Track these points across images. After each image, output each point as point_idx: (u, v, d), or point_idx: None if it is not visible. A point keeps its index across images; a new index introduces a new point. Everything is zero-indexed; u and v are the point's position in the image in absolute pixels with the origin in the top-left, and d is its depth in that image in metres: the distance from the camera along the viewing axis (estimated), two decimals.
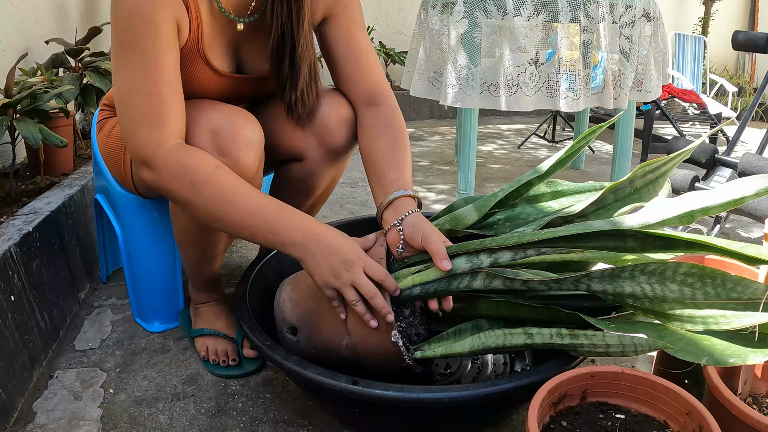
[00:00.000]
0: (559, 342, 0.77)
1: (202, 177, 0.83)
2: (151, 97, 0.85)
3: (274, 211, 0.85)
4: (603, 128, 0.97)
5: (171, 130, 0.86)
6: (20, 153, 1.87)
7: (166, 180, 0.85)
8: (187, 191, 0.84)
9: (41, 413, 0.97)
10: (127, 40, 0.85)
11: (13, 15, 1.97)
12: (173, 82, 0.88)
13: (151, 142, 0.85)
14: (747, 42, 2.06)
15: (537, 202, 1.04)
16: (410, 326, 0.91)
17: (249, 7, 0.99)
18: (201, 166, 0.84)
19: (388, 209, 0.92)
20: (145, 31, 0.84)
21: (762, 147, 2.01)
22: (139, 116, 0.85)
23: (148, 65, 0.85)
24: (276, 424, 0.96)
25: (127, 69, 0.86)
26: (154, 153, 0.84)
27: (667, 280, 0.74)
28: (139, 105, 0.85)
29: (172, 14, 0.87)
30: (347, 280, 0.83)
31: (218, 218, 0.85)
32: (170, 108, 0.87)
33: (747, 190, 0.75)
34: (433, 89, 2.19)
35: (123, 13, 0.84)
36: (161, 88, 0.86)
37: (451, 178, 2.61)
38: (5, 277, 1.02)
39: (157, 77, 0.86)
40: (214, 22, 0.96)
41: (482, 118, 4.36)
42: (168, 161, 0.84)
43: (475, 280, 0.85)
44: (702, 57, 4.37)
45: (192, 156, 0.85)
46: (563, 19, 1.90)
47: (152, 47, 0.85)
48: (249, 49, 1.03)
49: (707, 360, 0.68)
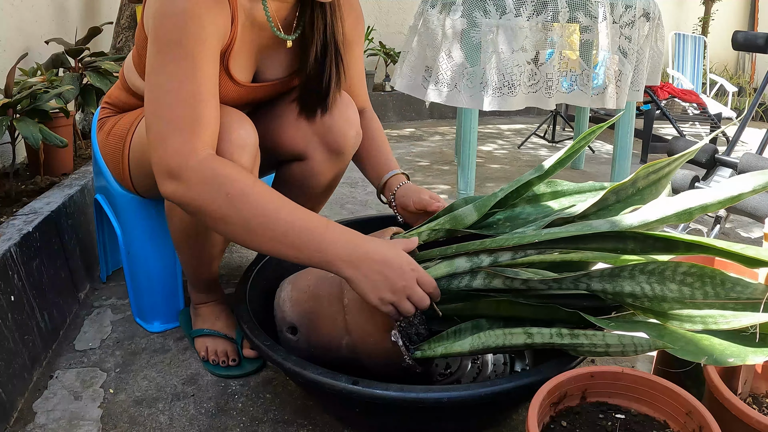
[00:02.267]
0: (559, 342, 0.77)
1: (239, 190, 0.77)
2: (190, 99, 0.81)
3: (319, 227, 0.79)
4: (603, 128, 0.98)
5: (206, 138, 0.82)
6: (20, 153, 1.87)
7: (196, 193, 0.78)
8: (221, 205, 0.77)
9: (41, 413, 0.97)
10: (173, 40, 0.82)
11: (13, 15, 1.97)
12: (213, 90, 0.85)
13: (183, 149, 0.79)
14: (747, 42, 2.06)
15: (537, 202, 1.04)
16: (410, 326, 0.91)
17: (293, 25, 1.02)
18: (238, 178, 0.79)
19: (385, 188, 1.14)
20: (194, 34, 0.82)
21: (762, 147, 2.01)
22: (174, 119, 0.80)
23: (192, 68, 0.82)
24: (276, 424, 0.96)
25: (169, 69, 0.82)
26: (185, 162, 0.78)
27: (667, 279, 0.74)
28: (176, 107, 0.81)
29: (221, 24, 0.87)
30: (404, 294, 0.79)
31: (258, 234, 0.78)
32: (208, 115, 0.83)
33: (744, 187, 0.76)
34: (435, 89, 2.19)
35: (174, 12, 0.82)
36: (202, 92, 0.83)
37: (451, 178, 2.61)
38: (5, 277, 1.02)
39: (200, 81, 0.83)
40: (246, 35, 0.96)
41: (482, 118, 4.36)
42: (201, 171, 0.78)
43: (475, 279, 0.85)
44: (702, 57, 4.37)
45: (227, 167, 0.80)
46: (563, 19, 1.90)
47: (198, 51, 0.83)
48: (268, 59, 1.04)
49: (706, 360, 0.68)
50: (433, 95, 2.01)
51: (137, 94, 1.10)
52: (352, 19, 1.13)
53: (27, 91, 1.53)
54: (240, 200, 0.77)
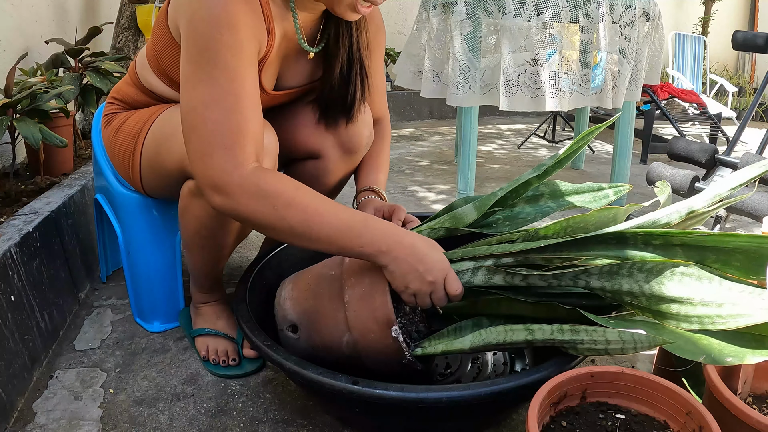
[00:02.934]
0: (560, 337, 0.77)
1: (284, 201, 0.80)
2: (232, 113, 0.80)
3: (359, 224, 0.83)
4: (602, 128, 0.98)
5: (250, 151, 0.81)
6: (20, 153, 1.87)
7: (244, 206, 0.80)
8: (269, 217, 0.81)
9: (41, 413, 0.97)
10: (209, 50, 0.80)
11: (13, 15, 1.97)
12: (254, 100, 0.84)
13: (228, 166, 0.79)
14: (747, 42, 2.06)
15: (536, 202, 1.05)
16: (411, 323, 0.91)
17: (316, 37, 1.04)
18: (282, 189, 0.81)
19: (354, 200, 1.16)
20: (232, 44, 0.81)
21: (762, 147, 2.01)
22: (216, 135, 0.80)
23: (231, 80, 0.81)
24: (276, 424, 0.96)
25: (206, 81, 0.80)
26: (230, 178, 0.79)
27: (665, 278, 0.74)
28: (217, 122, 0.80)
29: (257, 33, 0.87)
30: (428, 290, 0.83)
31: (305, 238, 0.82)
32: (251, 127, 0.82)
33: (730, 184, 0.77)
34: (436, 89, 2.19)
35: (208, 22, 0.80)
36: (243, 105, 0.81)
37: (451, 178, 2.61)
38: (5, 277, 1.02)
39: (240, 93, 0.81)
40: (280, 47, 0.98)
41: (482, 118, 4.36)
42: (246, 187, 0.80)
43: (476, 275, 0.86)
44: (702, 57, 4.37)
45: (271, 180, 0.81)
46: (564, 19, 1.90)
47: (236, 62, 0.81)
48: (289, 69, 1.06)
49: (705, 359, 0.68)
50: (449, 97, 2.02)
51: (149, 92, 1.08)
52: (374, 27, 1.14)
53: (27, 91, 1.53)
54: (285, 210, 0.81)
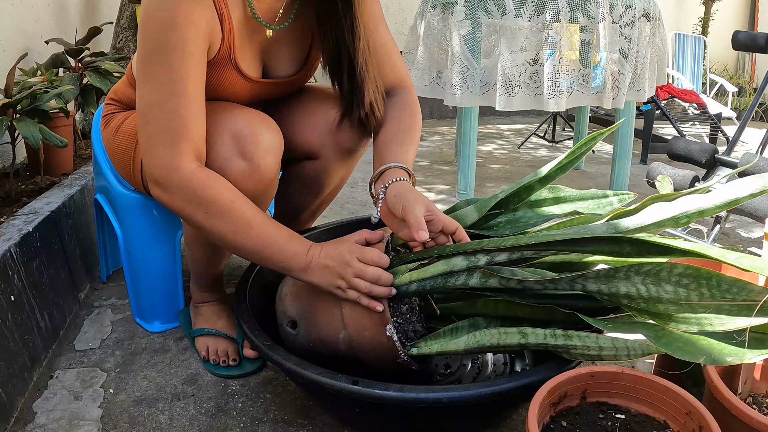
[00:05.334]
0: (552, 342, 0.77)
1: (217, 209, 0.84)
2: (173, 114, 0.84)
3: (282, 242, 0.86)
4: (605, 135, 0.98)
5: (189, 151, 0.85)
6: (20, 153, 1.87)
7: (179, 204, 0.85)
8: (202, 222, 0.85)
9: (41, 413, 0.97)
10: (155, 52, 0.83)
11: (13, 15, 1.97)
12: (197, 100, 0.86)
13: (167, 164, 0.83)
14: (747, 42, 2.06)
15: (539, 206, 1.05)
16: (407, 323, 0.91)
17: (277, 15, 0.99)
18: (217, 198, 0.84)
19: (377, 181, 0.94)
20: (175, 45, 0.83)
21: (762, 147, 2.01)
22: (158, 133, 0.84)
23: (174, 81, 0.83)
24: (276, 424, 0.96)
25: (152, 81, 0.84)
26: (169, 177, 0.83)
27: (662, 280, 0.74)
28: (160, 121, 0.84)
29: (205, 31, 0.86)
30: (351, 275, 0.84)
31: (233, 247, 0.87)
32: (191, 127, 0.85)
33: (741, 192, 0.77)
34: (436, 88, 2.20)
35: (155, 23, 0.83)
36: (183, 106, 0.84)
37: (451, 178, 2.61)
38: (5, 277, 1.02)
39: (181, 94, 0.84)
40: (245, 29, 0.96)
41: (482, 118, 4.36)
42: (183, 187, 0.83)
43: (471, 278, 0.85)
44: (702, 57, 4.37)
45: (209, 186, 0.84)
46: (563, 19, 1.90)
47: (180, 63, 0.83)
48: (275, 54, 1.04)
49: (705, 359, 0.68)
50: (449, 97, 2.01)
51: None
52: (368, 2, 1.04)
53: (27, 91, 1.53)
54: (217, 218, 0.84)
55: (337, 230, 1.24)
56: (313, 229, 1.24)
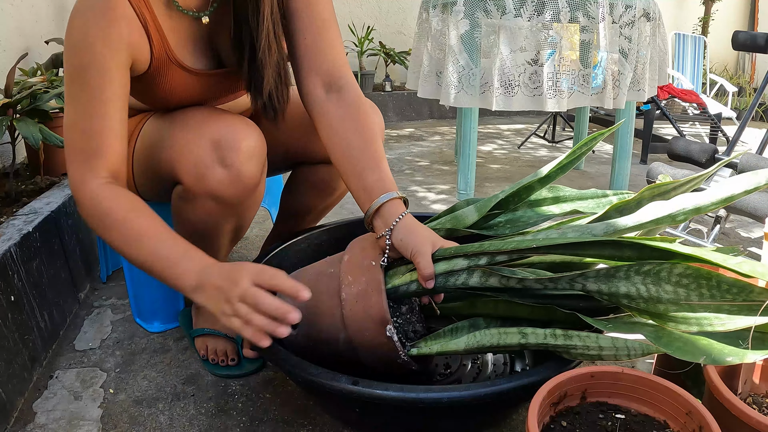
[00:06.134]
0: (552, 342, 0.77)
1: (110, 221, 0.85)
2: (87, 134, 0.85)
3: (174, 257, 0.83)
4: (605, 135, 0.98)
5: (100, 168, 0.86)
6: (20, 153, 1.87)
7: (85, 218, 0.87)
8: (101, 233, 0.87)
9: (41, 413, 0.97)
10: (75, 72, 0.85)
11: (13, 15, 1.97)
12: (115, 117, 0.86)
13: (77, 179, 0.86)
14: (747, 42, 2.06)
15: (538, 206, 1.05)
16: (407, 323, 0.91)
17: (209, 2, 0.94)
18: (112, 211, 0.85)
19: (376, 217, 0.88)
20: (89, 65, 0.83)
21: (762, 147, 2.01)
22: (75, 152, 0.86)
23: (90, 102, 0.84)
24: (276, 424, 0.96)
25: (72, 102, 0.86)
26: (78, 190, 0.86)
27: (662, 280, 0.74)
28: (76, 139, 0.86)
29: (121, 46, 0.85)
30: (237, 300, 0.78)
31: (129, 258, 0.86)
32: (106, 145, 0.86)
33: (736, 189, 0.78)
34: (437, 89, 2.20)
35: (70, 46, 0.84)
36: (98, 128, 0.85)
37: (451, 178, 2.61)
38: (5, 277, 1.02)
39: (97, 115, 0.85)
40: (178, 25, 0.93)
41: (482, 118, 4.36)
42: (86, 201, 0.85)
43: (471, 277, 0.85)
44: (702, 57, 4.37)
45: (108, 199, 0.85)
46: (563, 19, 1.90)
47: (97, 84, 0.84)
48: (222, 42, 0.99)
49: (705, 359, 0.68)
50: (448, 97, 2.01)
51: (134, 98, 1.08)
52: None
53: (27, 91, 1.53)
54: (109, 231, 0.85)
55: (337, 230, 1.24)
56: (313, 229, 1.24)
